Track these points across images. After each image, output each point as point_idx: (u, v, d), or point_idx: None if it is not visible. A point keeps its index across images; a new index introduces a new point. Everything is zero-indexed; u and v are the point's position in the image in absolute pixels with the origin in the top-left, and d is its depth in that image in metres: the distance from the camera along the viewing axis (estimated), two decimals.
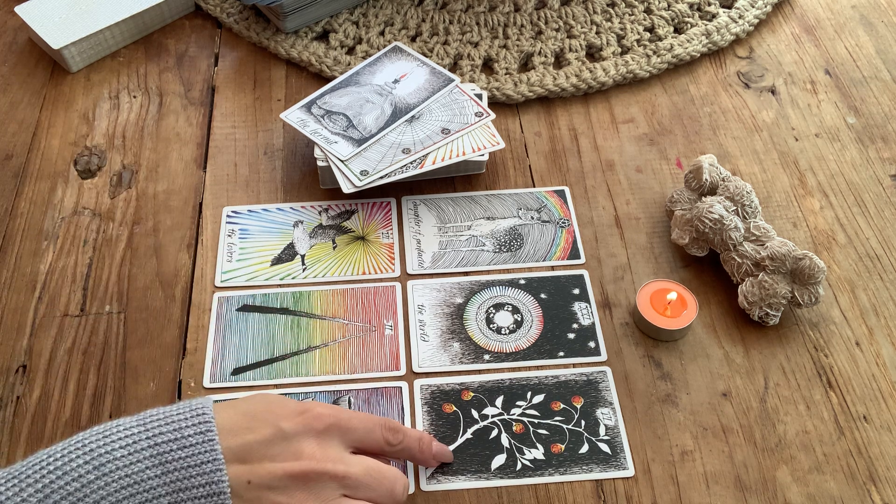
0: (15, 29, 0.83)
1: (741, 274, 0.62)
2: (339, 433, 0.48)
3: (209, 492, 0.43)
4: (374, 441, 0.50)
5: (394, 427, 0.51)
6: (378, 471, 0.49)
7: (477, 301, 0.63)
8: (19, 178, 0.70)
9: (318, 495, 0.46)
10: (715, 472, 0.55)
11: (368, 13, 0.83)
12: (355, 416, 0.50)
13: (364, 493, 0.48)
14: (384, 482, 0.48)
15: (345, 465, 0.47)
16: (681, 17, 0.83)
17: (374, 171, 0.66)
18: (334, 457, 0.47)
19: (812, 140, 0.74)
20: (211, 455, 0.44)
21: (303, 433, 0.47)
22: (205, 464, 0.43)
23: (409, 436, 0.52)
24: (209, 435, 0.44)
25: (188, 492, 0.43)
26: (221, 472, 0.44)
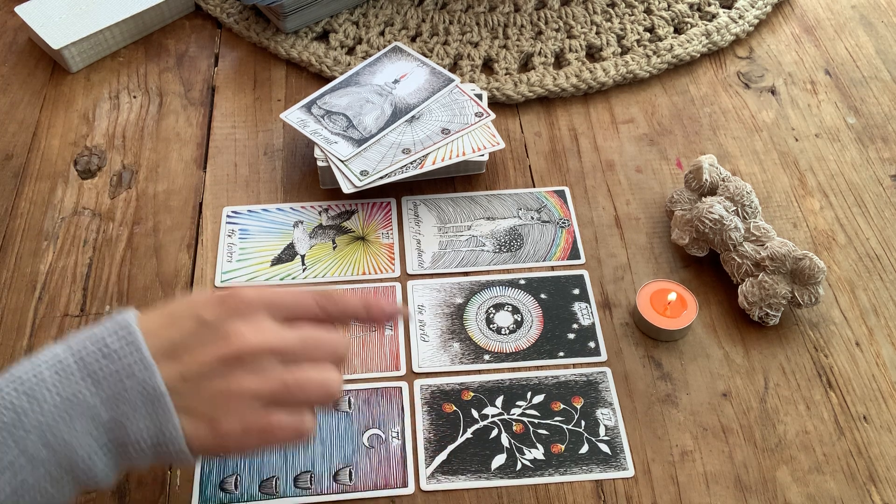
0: (15, 29, 0.83)
1: (741, 274, 0.62)
2: (267, 309, 0.46)
3: (147, 396, 0.42)
4: (307, 309, 0.47)
5: (328, 294, 0.48)
6: (315, 336, 0.46)
7: (477, 301, 0.63)
8: (19, 178, 0.70)
9: (258, 373, 0.44)
10: (715, 472, 0.55)
11: (368, 13, 0.83)
12: (283, 290, 0.47)
13: (305, 358, 0.46)
14: (324, 346, 0.46)
15: (277, 336, 0.45)
16: (681, 18, 0.83)
17: (374, 172, 0.66)
18: (264, 330, 0.45)
19: (812, 140, 0.74)
20: (139, 358, 0.42)
21: (227, 317, 0.45)
22: (135, 369, 0.42)
23: (349, 299, 0.49)
24: (134, 341, 0.43)
25: (126, 402, 0.42)
26: (153, 373, 0.42)
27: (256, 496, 0.53)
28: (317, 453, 0.55)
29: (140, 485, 0.54)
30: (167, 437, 0.43)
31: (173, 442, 0.43)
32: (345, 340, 0.47)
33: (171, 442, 0.43)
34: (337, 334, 0.47)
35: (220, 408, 0.44)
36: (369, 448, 0.56)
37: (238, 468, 0.55)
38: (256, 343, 0.44)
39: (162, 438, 0.43)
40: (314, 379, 0.45)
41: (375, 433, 0.56)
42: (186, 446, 0.43)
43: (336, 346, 0.47)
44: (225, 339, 0.44)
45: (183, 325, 0.44)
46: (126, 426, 0.42)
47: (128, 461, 0.43)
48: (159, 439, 0.43)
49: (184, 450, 0.43)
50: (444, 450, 0.56)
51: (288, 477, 0.54)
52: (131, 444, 0.42)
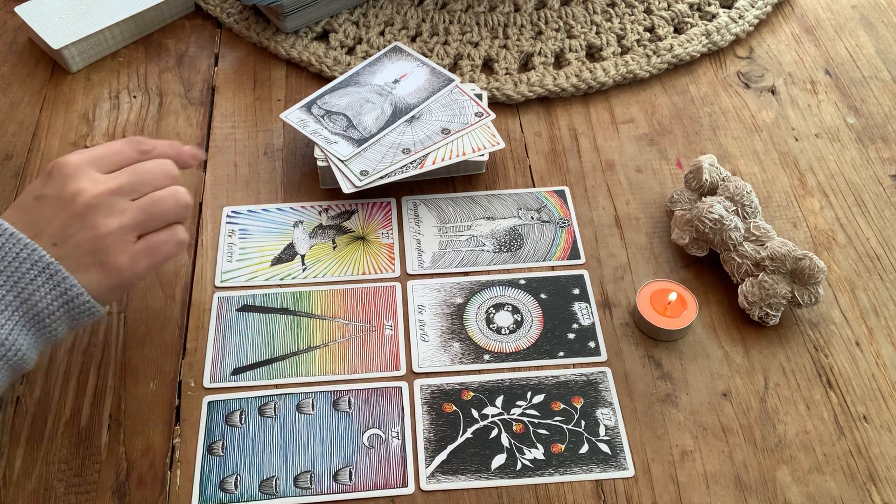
0: (15, 29, 0.83)
1: (741, 274, 0.62)
2: (91, 165, 0.52)
3: (39, 270, 0.49)
4: (126, 155, 0.54)
5: (139, 140, 0.55)
6: (142, 166, 0.53)
7: (477, 301, 0.63)
8: (19, 178, 0.70)
9: (114, 213, 0.51)
10: (715, 472, 0.55)
11: (368, 13, 0.83)
12: (98, 147, 0.54)
13: (146, 187, 0.53)
14: (154, 170, 0.53)
15: (112, 179, 0.52)
16: (681, 17, 0.83)
17: (374, 171, 0.66)
18: (97, 180, 0.51)
19: (812, 140, 0.74)
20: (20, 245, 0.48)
21: (60, 183, 0.51)
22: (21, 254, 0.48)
23: (160, 143, 0.56)
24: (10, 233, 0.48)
25: (24, 281, 0.48)
26: (35, 249, 0.48)
27: (256, 496, 0.53)
28: (317, 453, 0.55)
29: (140, 485, 0.54)
30: (71, 295, 0.49)
31: (78, 296, 0.50)
32: (168, 161, 0.55)
33: (76, 297, 0.50)
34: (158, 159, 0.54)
35: (99, 252, 0.50)
36: (369, 448, 0.56)
37: (238, 468, 0.55)
38: (97, 190, 0.51)
39: (67, 297, 0.49)
40: (163, 195, 0.53)
41: (375, 433, 0.56)
42: (89, 297, 0.50)
43: (163, 165, 0.54)
44: (69, 200, 0.50)
45: (30, 207, 0.51)
46: (33, 300, 0.49)
47: (47, 332, 0.50)
48: (65, 299, 0.49)
49: (90, 301, 0.50)
50: (444, 450, 0.56)
51: (288, 477, 0.54)
52: (43, 312, 0.49)
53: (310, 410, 0.57)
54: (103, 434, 0.56)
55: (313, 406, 0.58)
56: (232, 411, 0.57)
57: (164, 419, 0.57)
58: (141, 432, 0.56)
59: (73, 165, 0.51)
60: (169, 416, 0.57)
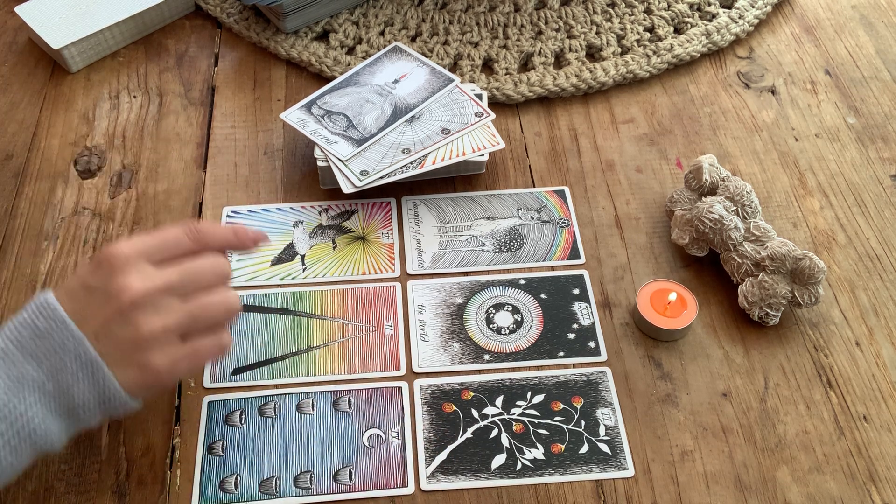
0: (15, 29, 0.83)
1: (741, 274, 0.62)
2: (142, 257, 0.50)
3: (82, 363, 0.47)
4: (181, 244, 0.51)
5: (198, 228, 0.52)
6: (195, 265, 0.50)
7: (477, 301, 0.63)
8: (19, 178, 0.70)
9: (160, 312, 0.49)
10: (715, 472, 0.55)
11: (368, 13, 0.83)
12: (153, 233, 0.51)
13: (196, 287, 0.50)
14: (206, 270, 0.51)
15: (160, 276, 0.49)
16: (681, 17, 0.83)
17: (374, 171, 0.66)
18: (146, 275, 0.49)
19: (812, 140, 0.74)
20: (68, 333, 0.47)
21: (108, 276, 0.49)
22: (67, 343, 0.47)
23: (217, 225, 0.54)
24: (60, 319, 0.47)
25: (66, 371, 0.47)
26: (83, 342, 0.47)
27: (256, 496, 0.53)
28: (317, 453, 0.55)
29: (140, 485, 0.54)
30: (109, 393, 0.48)
31: (115, 395, 0.48)
32: (222, 259, 0.52)
33: (112, 396, 0.48)
34: (213, 256, 0.51)
35: (140, 351, 0.48)
36: (369, 448, 0.56)
37: (238, 468, 0.55)
38: (144, 288, 0.48)
39: (104, 395, 0.48)
40: (213, 299, 0.50)
41: (375, 433, 0.56)
42: (126, 394, 0.48)
43: (217, 265, 0.51)
44: (115, 296, 0.48)
45: (78, 296, 0.49)
46: (71, 392, 0.47)
47: (78, 422, 0.49)
48: (102, 397, 0.48)
49: (125, 398, 0.48)
50: (444, 450, 0.56)
51: (288, 477, 0.54)
52: (79, 406, 0.48)
53: (310, 410, 0.57)
54: (103, 434, 0.56)
55: (313, 406, 0.58)
56: (232, 411, 0.57)
57: (164, 419, 0.57)
58: (141, 432, 0.56)
59: (124, 257, 0.49)
60: (169, 416, 0.57)
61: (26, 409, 0.46)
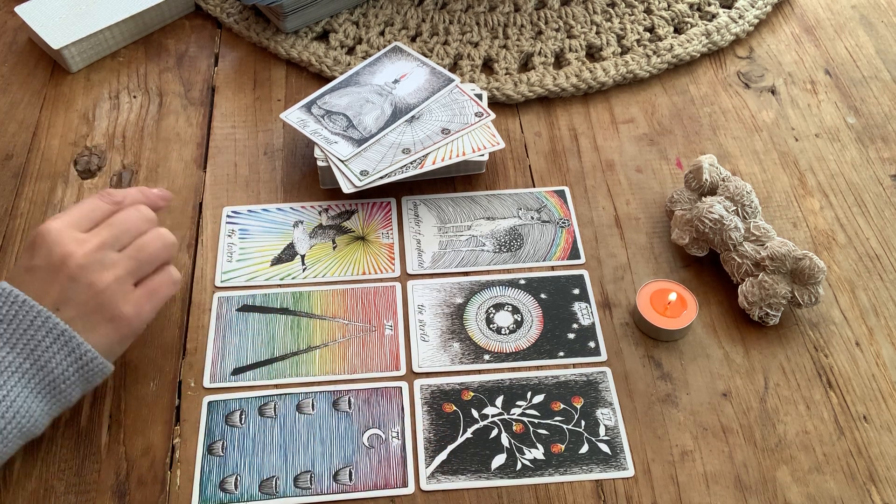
0: (15, 29, 0.83)
1: (741, 274, 0.62)
2: (71, 227, 0.53)
3: (53, 336, 0.50)
4: (102, 209, 0.55)
5: (109, 192, 0.56)
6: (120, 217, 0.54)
7: (477, 301, 0.63)
8: (19, 178, 0.70)
9: (106, 266, 0.52)
10: (715, 472, 0.55)
11: (368, 13, 0.83)
12: (72, 208, 0.55)
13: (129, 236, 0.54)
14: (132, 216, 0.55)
15: (94, 236, 0.53)
16: (681, 17, 0.83)
17: (374, 171, 0.66)
18: (81, 239, 0.52)
19: (812, 140, 0.74)
20: (33, 312, 0.50)
21: (47, 252, 0.52)
22: (35, 321, 0.50)
23: (129, 191, 0.57)
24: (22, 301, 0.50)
25: (39, 348, 0.49)
26: (49, 317, 0.50)
27: (256, 496, 0.53)
28: (317, 453, 0.55)
29: (140, 485, 0.54)
30: (86, 359, 0.51)
31: (91, 359, 0.51)
32: (141, 206, 0.56)
33: (90, 361, 0.51)
34: (133, 206, 0.56)
35: (103, 307, 0.51)
36: (369, 448, 0.56)
37: (238, 468, 0.55)
38: (84, 250, 0.52)
39: (82, 362, 0.50)
40: (148, 239, 0.54)
41: (375, 433, 0.56)
42: (101, 357, 0.51)
43: (139, 211, 0.55)
44: (60, 265, 0.51)
45: (23, 279, 0.51)
46: (49, 367, 0.50)
47: (62, 397, 0.51)
48: (79, 363, 0.50)
49: (101, 361, 0.51)
50: (444, 450, 0.56)
51: (288, 477, 0.54)
52: (59, 379, 0.50)
53: (310, 410, 0.57)
54: (103, 434, 0.56)
55: (313, 406, 0.58)
56: (232, 411, 0.57)
57: (164, 419, 0.57)
58: (141, 432, 0.56)
59: (55, 231, 0.52)
60: (169, 416, 0.57)
61: (8, 393, 0.48)
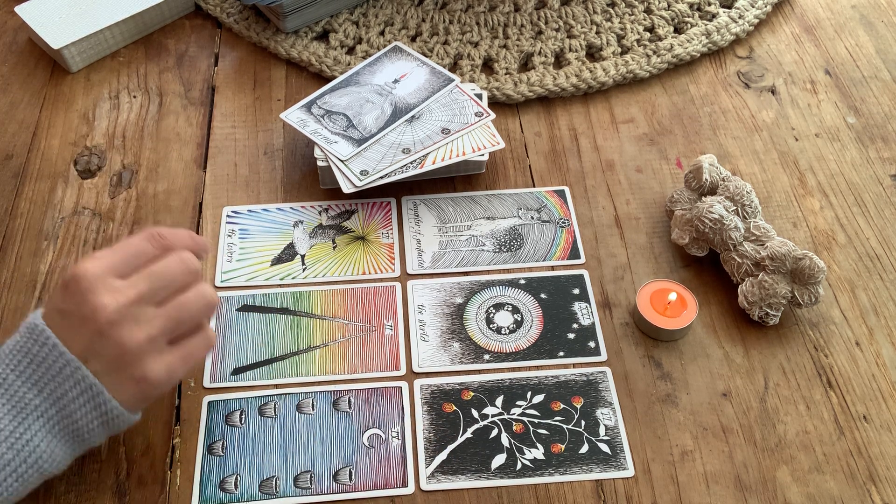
0: (15, 29, 0.83)
1: (741, 274, 0.62)
2: (110, 273, 0.49)
3: (80, 387, 0.47)
4: (145, 252, 0.50)
5: (157, 233, 0.51)
6: (161, 268, 0.50)
7: (477, 301, 0.63)
8: (19, 178, 0.70)
9: (140, 322, 0.48)
10: (715, 472, 0.55)
11: (368, 13, 0.83)
12: (116, 247, 0.50)
13: (170, 290, 0.50)
14: (174, 269, 0.50)
15: (130, 288, 0.48)
16: (681, 17, 0.83)
17: (374, 171, 0.66)
18: (116, 290, 0.48)
19: (812, 140, 0.74)
20: (63, 359, 0.47)
21: (80, 299, 0.48)
22: (64, 369, 0.47)
23: (178, 233, 0.52)
24: (54, 345, 0.47)
25: (66, 396, 0.47)
26: (79, 367, 0.47)
27: (256, 496, 0.53)
28: (317, 453, 0.55)
29: (140, 485, 0.54)
30: (111, 414, 0.48)
31: (117, 415, 0.49)
32: (186, 253, 0.51)
33: (115, 416, 0.49)
34: (176, 254, 0.51)
35: (132, 365, 0.48)
36: (369, 448, 0.56)
37: (238, 468, 0.55)
38: (117, 304, 0.47)
39: (107, 416, 0.48)
40: (189, 296, 0.50)
41: (375, 433, 0.56)
42: (126, 410, 0.49)
43: (183, 261, 0.51)
44: (91, 317, 0.47)
45: (56, 322, 0.48)
46: (74, 417, 0.48)
47: (84, 443, 0.49)
48: (105, 418, 0.48)
49: (127, 416, 0.49)
50: (444, 450, 0.56)
51: (288, 477, 0.54)
52: (83, 430, 0.48)
53: (310, 410, 0.57)
54: None
55: (313, 406, 0.58)
56: (232, 411, 0.57)
57: (164, 419, 0.57)
58: (141, 432, 0.56)
59: (91, 277, 0.48)
60: (169, 416, 0.57)
61: (31, 437, 0.47)
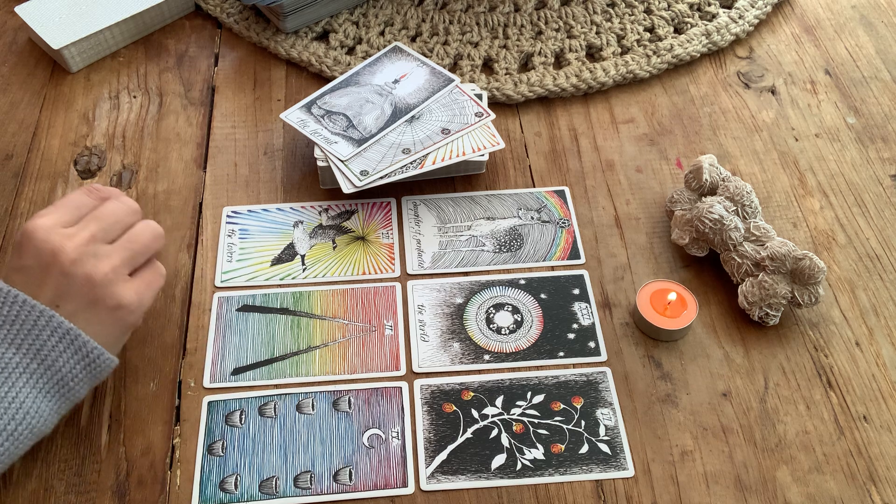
0: (15, 29, 0.83)
1: (741, 274, 0.62)
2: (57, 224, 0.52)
3: (58, 335, 0.49)
4: (88, 205, 0.54)
5: (93, 186, 0.56)
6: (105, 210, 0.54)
7: (477, 301, 0.63)
8: (19, 178, 0.70)
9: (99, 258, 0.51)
10: (715, 472, 0.55)
11: (368, 13, 0.83)
12: (56, 204, 0.54)
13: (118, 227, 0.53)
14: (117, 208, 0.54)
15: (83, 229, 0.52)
16: (681, 17, 0.83)
17: (374, 171, 0.66)
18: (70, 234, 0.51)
19: (812, 140, 0.74)
20: (36, 311, 0.49)
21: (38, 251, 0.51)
22: (38, 321, 0.49)
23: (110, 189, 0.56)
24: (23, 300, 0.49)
25: (45, 347, 0.49)
26: (52, 316, 0.49)
27: (256, 496, 0.53)
28: (317, 453, 0.55)
29: (140, 485, 0.54)
30: (93, 356, 0.50)
31: (99, 356, 0.50)
32: (125, 197, 0.56)
33: (97, 357, 0.50)
34: (115, 198, 0.55)
35: (104, 297, 0.51)
36: (369, 448, 0.56)
37: (238, 468, 0.55)
38: (74, 244, 0.51)
39: (89, 359, 0.50)
40: (139, 230, 0.54)
41: (375, 433, 0.56)
42: (106, 351, 0.51)
43: (124, 204, 0.55)
44: (53, 261, 0.50)
45: (18, 280, 0.51)
46: (57, 366, 0.49)
47: (70, 395, 0.51)
48: (87, 361, 0.50)
49: (107, 355, 0.51)
50: (444, 450, 0.56)
51: (288, 477, 0.54)
52: (67, 377, 0.50)
53: (310, 410, 0.57)
54: (103, 434, 0.56)
55: (313, 406, 0.58)
56: (232, 411, 0.57)
57: (164, 419, 0.57)
58: (141, 432, 0.56)
59: (42, 228, 0.51)
60: (169, 416, 0.57)
61: (17, 395, 0.48)
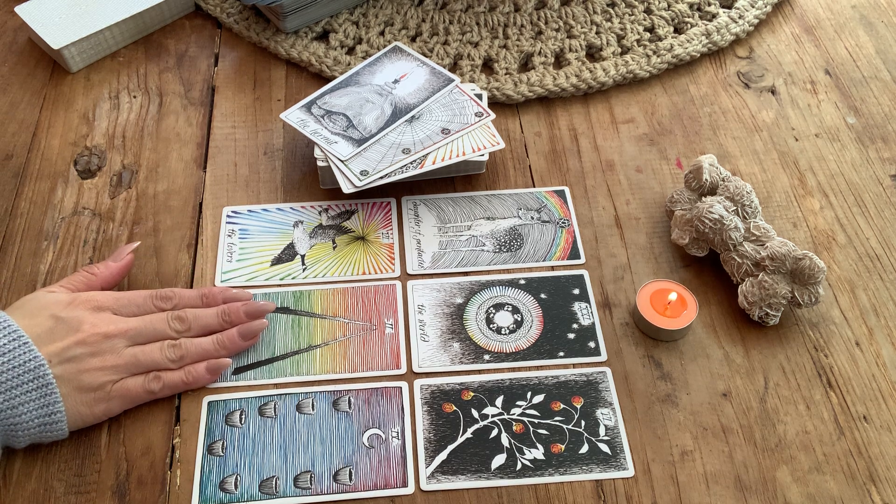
0: (15, 29, 0.83)
1: (741, 274, 0.62)
2: (112, 307, 0.55)
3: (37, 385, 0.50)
4: (147, 309, 0.57)
5: (164, 295, 0.58)
6: (151, 319, 0.56)
7: (477, 301, 0.63)
8: (19, 178, 0.70)
9: (112, 354, 0.53)
10: (715, 472, 0.55)
11: (368, 13, 0.83)
12: (125, 293, 0.57)
13: (147, 336, 0.56)
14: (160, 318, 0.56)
15: (123, 322, 0.55)
16: (681, 17, 0.83)
17: (374, 171, 0.66)
18: (109, 320, 0.54)
19: (812, 140, 0.74)
20: (29, 354, 0.50)
21: (78, 313, 0.54)
22: (28, 364, 0.50)
23: (184, 295, 0.58)
24: (22, 339, 0.51)
25: (19, 388, 0.50)
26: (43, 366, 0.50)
27: (256, 496, 0.53)
28: (317, 453, 0.55)
29: (140, 485, 0.54)
30: (52, 418, 0.51)
31: (57, 421, 0.51)
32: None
33: (54, 421, 0.51)
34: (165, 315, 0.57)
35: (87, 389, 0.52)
36: (369, 448, 0.56)
37: (238, 468, 0.55)
38: (103, 330, 0.53)
39: (47, 420, 0.51)
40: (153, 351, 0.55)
41: (375, 433, 0.56)
42: (65, 423, 0.52)
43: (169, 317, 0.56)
44: (78, 329, 0.53)
45: (41, 322, 0.53)
46: (18, 410, 0.50)
47: (12, 440, 0.51)
48: (44, 420, 0.51)
49: (62, 426, 0.52)
50: (444, 450, 0.56)
51: (288, 477, 0.54)
52: (21, 425, 0.50)
53: (310, 410, 0.57)
54: (103, 434, 0.56)
55: (313, 406, 0.58)
56: (232, 411, 0.57)
57: (164, 419, 0.57)
58: (141, 432, 0.56)
59: (98, 304, 0.55)
60: (169, 416, 0.57)
61: None
